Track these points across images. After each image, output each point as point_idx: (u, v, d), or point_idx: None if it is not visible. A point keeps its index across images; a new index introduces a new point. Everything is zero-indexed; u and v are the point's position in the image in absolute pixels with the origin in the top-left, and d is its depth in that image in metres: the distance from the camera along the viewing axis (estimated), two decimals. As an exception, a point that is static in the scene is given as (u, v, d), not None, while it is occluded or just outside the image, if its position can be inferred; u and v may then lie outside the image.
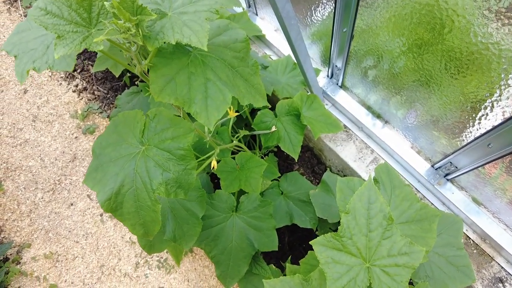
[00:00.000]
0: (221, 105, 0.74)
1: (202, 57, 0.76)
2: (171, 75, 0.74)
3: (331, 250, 0.83)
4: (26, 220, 1.90)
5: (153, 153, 0.83)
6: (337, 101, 1.79)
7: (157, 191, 0.81)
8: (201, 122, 0.73)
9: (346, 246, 0.83)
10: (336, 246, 0.83)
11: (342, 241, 0.83)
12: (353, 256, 0.83)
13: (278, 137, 1.50)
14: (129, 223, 0.87)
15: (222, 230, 1.35)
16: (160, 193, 0.81)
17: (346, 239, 0.83)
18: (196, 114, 0.73)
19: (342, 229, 0.83)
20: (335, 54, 1.64)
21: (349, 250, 0.83)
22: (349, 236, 0.83)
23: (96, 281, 1.75)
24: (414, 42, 1.30)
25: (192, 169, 0.83)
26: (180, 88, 0.73)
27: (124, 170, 0.84)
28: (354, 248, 0.83)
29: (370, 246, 0.83)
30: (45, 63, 0.65)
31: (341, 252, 0.83)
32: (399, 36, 1.33)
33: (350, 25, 1.40)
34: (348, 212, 0.84)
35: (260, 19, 2.10)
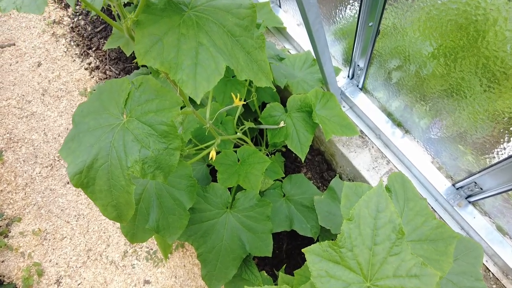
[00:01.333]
0: (212, 75, 0.63)
1: (197, 19, 0.66)
2: (158, 35, 0.63)
3: (326, 261, 0.70)
4: (20, 194, 1.84)
5: (134, 126, 0.73)
6: (356, 104, 1.65)
7: (131, 169, 0.71)
8: (187, 93, 0.62)
9: (344, 259, 0.70)
10: (333, 257, 0.70)
11: (340, 252, 0.70)
12: (352, 271, 0.69)
13: (286, 134, 1.38)
14: (100, 202, 0.78)
15: (213, 226, 1.24)
16: (134, 172, 0.71)
17: (346, 251, 0.70)
18: (182, 82, 0.62)
19: (342, 238, 0.70)
20: (358, 52, 1.51)
21: (347, 264, 0.70)
22: (349, 247, 0.70)
23: (81, 265, 1.67)
24: (445, 47, 1.16)
25: (175, 149, 0.72)
26: (168, 51, 0.63)
27: (100, 142, 0.74)
28: (354, 262, 0.70)
29: (374, 262, 0.69)
30: (12, 3, 0.57)
31: (338, 266, 0.70)
32: (430, 38, 1.20)
33: (377, 19, 1.27)
34: (352, 219, 0.71)
35: (283, 11, 1.99)
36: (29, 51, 2.29)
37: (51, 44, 2.29)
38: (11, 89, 2.16)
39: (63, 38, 2.30)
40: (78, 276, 1.65)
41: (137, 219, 1.11)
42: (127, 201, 0.76)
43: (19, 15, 2.43)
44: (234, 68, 0.67)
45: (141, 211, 1.10)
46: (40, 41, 2.31)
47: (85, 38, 2.25)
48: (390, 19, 1.26)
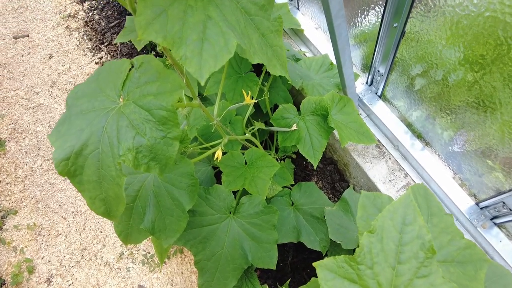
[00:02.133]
0: (220, 52, 0.55)
1: (208, -10, 0.58)
2: (163, 6, 0.55)
3: (341, 279, 0.60)
4: (19, 186, 1.78)
5: (130, 110, 0.65)
6: (374, 112, 1.55)
7: (123, 158, 0.62)
8: (191, 71, 0.54)
9: (363, 278, 0.59)
10: (348, 275, 0.60)
11: (358, 270, 0.60)
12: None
13: (298, 138, 1.28)
14: (88, 195, 0.69)
15: (214, 232, 1.14)
16: (126, 162, 0.62)
17: (365, 268, 0.59)
18: (186, 59, 0.54)
19: (362, 253, 0.60)
20: (379, 57, 1.42)
21: (366, 284, 0.59)
22: (369, 264, 0.60)
23: (74, 264, 1.59)
24: (476, 55, 1.07)
25: (174, 139, 0.64)
26: (172, 23, 0.55)
27: (92, 126, 0.67)
28: (373, 283, 0.59)
29: (397, 284, 0.59)
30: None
31: (354, 285, 0.59)
32: (459, 45, 1.10)
33: (403, 19, 1.18)
34: (373, 231, 0.61)
35: (301, 14, 1.92)
36: (42, 43, 2.26)
37: (64, 37, 2.27)
38: (21, 80, 2.13)
39: (76, 32, 2.27)
40: (70, 276, 1.56)
41: (132, 218, 1.03)
42: (117, 195, 0.67)
43: (36, 8, 2.42)
44: (246, 49, 0.58)
45: (137, 209, 1.01)
46: (54, 34, 2.29)
47: (98, 32, 2.22)
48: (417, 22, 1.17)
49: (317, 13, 1.78)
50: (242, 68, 1.29)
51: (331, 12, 0.92)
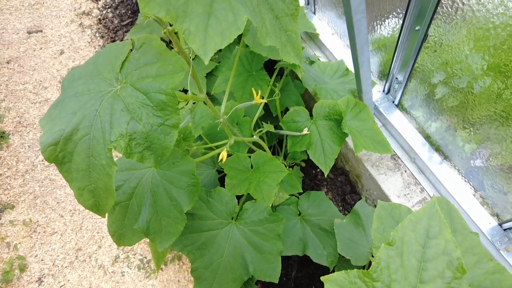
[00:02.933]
0: (228, 29, 0.49)
1: (218, -40, 0.52)
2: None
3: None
4: (19, 180, 1.74)
5: (127, 93, 0.59)
6: (390, 122, 1.47)
7: (114, 144, 0.56)
8: (194, 48, 0.48)
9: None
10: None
11: (374, 287, 0.51)
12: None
13: (309, 143, 1.21)
14: (76, 185, 0.63)
15: (214, 238, 1.06)
16: (117, 148, 0.56)
17: (381, 286, 0.51)
18: (189, 34, 0.48)
19: (378, 268, 0.51)
20: (398, 63, 1.35)
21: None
22: (386, 281, 0.51)
23: (68, 265, 1.52)
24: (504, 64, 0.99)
25: (173, 127, 0.57)
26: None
27: (84, 109, 0.61)
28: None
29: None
30: None
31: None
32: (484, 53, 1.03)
33: (427, 21, 1.11)
34: (393, 243, 0.52)
35: (318, 19, 1.87)
36: (55, 38, 2.26)
37: (77, 34, 2.26)
38: (30, 74, 2.11)
39: (89, 29, 2.26)
40: (62, 277, 1.49)
41: (126, 217, 0.96)
42: (107, 187, 0.60)
43: (52, 4, 2.43)
44: (257, 28, 0.52)
45: (132, 208, 0.94)
46: (67, 30, 2.29)
47: (111, 30, 2.21)
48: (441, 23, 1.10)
49: (334, 18, 1.72)
50: (253, 66, 1.23)
51: (350, 5, 0.85)
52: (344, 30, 1.69)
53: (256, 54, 1.22)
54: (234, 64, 1.08)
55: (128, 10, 2.28)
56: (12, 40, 2.25)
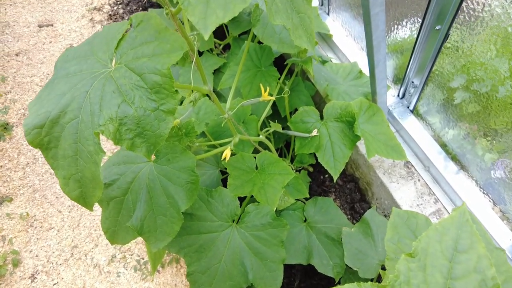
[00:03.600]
0: (232, 1, 0.43)
1: None
2: None
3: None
4: (19, 173, 1.70)
5: (120, 74, 0.54)
6: (404, 128, 1.39)
7: (102, 128, 0.50)
8: (193, 21, 0.42)
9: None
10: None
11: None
12: None
13: (318, 145, 1.14)
14: (62, 173, 0.57)
15: (212, 241, 0.99)
16: (105, 133, 0.50)
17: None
18: (188, 6, 0.42)
19: (396, 283, 0.44)
20: (415, 65, 1.27)
21: (399, 328, 0.43)
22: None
23: (62, 262, 1.47)
24: None
25: (168, 113, 0.51)
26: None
27: (74, 91, 0.55)
28: (410, 327, 0.43)
29: (443, 334, 0.43)
30: None
31: (382, 327, 0.44)
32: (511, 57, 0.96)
33: (448, 20, 1.04)
34: (414, 255, 0.45)
35: (332, 20, 1.81)
36: (65, 33, 2.25)
37: (87, 29, 2.24)
38: (38, 67, 2.10)
39: (99, 24, 2.25)
40: (56, 274, 1.44)
41: (121, 214, 0.90)
42: (93, 176, 0.55)
43: None
44: (266, 2, 0.46)
45: (127, 204, 0.88)
46: (77, 25, 2.27)
47: (121, 26, 2.18)
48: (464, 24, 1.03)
49: (349, 20, 1.66)
50: (263, 61, 1.17)
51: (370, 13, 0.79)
52: (358, 32, 1.62)
53: (266, 49, 1.16)
54: (242, 58, 1.03)
55: (139, 7, 2.26)
56: (23, 33, 2.24)
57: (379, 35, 0.94)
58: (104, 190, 0.91)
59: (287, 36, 0.90)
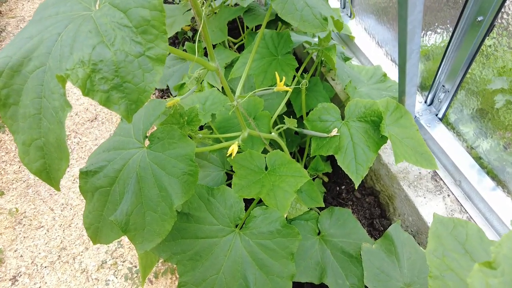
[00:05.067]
0: None
1: None
2: None
3: None
4: (14, 166, 1.61)
5: (102, 12, 0.42)
6: (433, 137, 1.25)
7: (69, 72, 0.38)
8: None
9: None
10: None
11: None
12: None
13: (338, 146, 1.00)
14: (21, 138, 0.46)
15: (211, 249, 0.85)
16: (72, 79, 0.39)
17: None
18: None
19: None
20: (448, 67, 1.15)
21: None
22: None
23: (48, 265, 1.34)
24: None
25: (156, 61, 0.40)
26: None
27: (44, 33, 0.44)
28: None
29: None
30: None
31: None
32: None
33: (494, 9, 0.91)
34: (496, 266, 0.31)
35: (354, 24, 1.71)
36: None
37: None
38: (48, 61, 2.05)
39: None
40: (40, 278, 1.31)
41: (106, 207, 0.77)
42: (59, 142, 0.43)
43: None
44: None
45: (113, 196, 0.76)
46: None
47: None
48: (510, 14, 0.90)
49: (373, 24, 1.55)
50: (279, 49, 1.06)
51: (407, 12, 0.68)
52: (383, 37, 1.51)
53: (284, 36, 1.05)
54: (256, 43, 0.91)
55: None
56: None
57: (415, 18, 0.81)
58: (89, 179, 0.79)
59: (309, 14, 0.79)
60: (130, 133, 0.79)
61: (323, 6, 0.84)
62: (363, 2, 1.56)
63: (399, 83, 1.07)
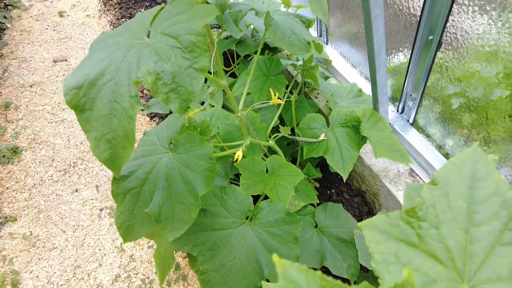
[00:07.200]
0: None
1: None
2: None
3: (396, 242, 0.46)
4: (25, 194, 1.70)
5: (156, 39, 0.60)
6: (407, 140, 1.45)
7: (141, 78, 0.55)
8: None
9: (425, 240, 0.45)
10: (406, 236, 0.46)
11: (420, 228, 0.46)
12: (437, 261, 0.44)
13: (326, 148, 1.18)
14: (94, 135, 0.61)
15: (226, 239, 0.99)
16: (144, 83, 0.55)
17: (428, 226, 0.45)
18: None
19: (424, 206, 0.46)
20: (412, 78, 1.37)
21: (430, 249, 0.44)
22: (434, 221, 0.46)
23: (64, 282, 1.41)
24: None
25: (200, 71, 0.57)
26: None
27: (111, 56, 0.61)
28: (440, 247, 0.44)
29: (473, 252, 0.44)
30: None
31: (415, 250, 0.45)
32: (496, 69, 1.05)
33: (440, 28, 1.15)
34: (436, 183, 0.48)
35: (330, 49, 1.95)
36: (78, 67, 2.37)
37: (99, 63, 2.38)
38: (51, 97, 2.19)
39: (111, 59, 2.39)
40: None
41: (137, 206, 0.90)
42: (126, 134, 0.58)
43: (79, 38, 2.60)
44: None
45: (143, 195, 0.90)
46: (90, 60, 2.41)
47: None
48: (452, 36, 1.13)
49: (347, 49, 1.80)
50: (271, 70, 1.26)
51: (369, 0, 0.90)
52: (357, 59, 1.75)
53: (274, 60, 1.25)
54: (252, 67, 1.11)
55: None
56: (38, 67, 2.37)
57: (379, 38, 1.03)
58: (120, 183, 0.92)
59: (295, 39, 0.99)
60: (156, 142, 0.95)
61: (306, 33, 1.05)
62: (337, 30, 1.81)
63: (373, 94, 1.28)
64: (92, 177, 1.76)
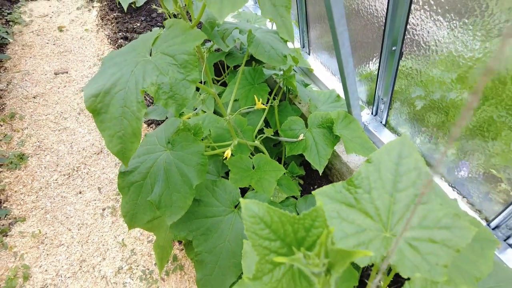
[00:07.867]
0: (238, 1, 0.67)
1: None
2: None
3: (338, 204, 0.62)
4: (32, 196, 1.83)
5: (157, 58, 0.76)
6: (381, 140, 1.62)
7: (146, 88, 0.71)
8: (212, 11, 0.66)
9: (360, 202, 0.61)
10: (346, 200, 0.62)
11: (356, 193, 0.62)
12: (368, 217, 0.60)
13: (305, 147, 1.34)
14: (108, 133, 0.76)
15: (217, 225, 1.14)
16: (148, 91, 0.71)
17: (363, 192, 0.61)
18: (210, 3, 0.66)
19: (359, 177, 0.62)
20: (382, 84, 1.55)
21: (363, 208, 0.60)
22: (367, 188, 0.62)
23: (71, 275, 1.54)
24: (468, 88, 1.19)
25: (192, 82, 0.73)
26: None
27: (121, 71, 0.77)
28: (371, 207, 0.61)
29: (395, 210, 0.60)
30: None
31: (352, 209, 0.61)
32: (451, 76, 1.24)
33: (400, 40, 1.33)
34: (371, 161, 0.64)
35: (312, 59, 2.13)
36: (78, 78, 2.53)
37: (98, 74, 2.53)
38: (53, 107, 2.33)
39: (110, 70, 2.55)
40: (64, 286, 1.50)
41: (140, 196, 1.06)
42: (134, 131, 0.74)
43: (79, 52, 2.76)
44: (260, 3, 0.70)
45: (146, 187, 1.05)
46: (90, 72, 2.57)
47: (129, 71, 2.49)
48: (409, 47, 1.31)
49: (327, 58, 1.97)
50: (256, 79, 1.43)
51: (334, 19, 1.07)
52: (335, 68, 1.93)
53: (258, 70, 1.42)
54: (239, 77, 1.28)
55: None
56: (40, 79, 2.52)
57: (345, 51, 1.21)
58: (125, 178, 1.07)
59: (274, 53, 1.16)
60: (155, 142, 1.10)
61: (284, 48, 1.22)
62: (318, 42, 1.99)
63: (345, 98, 1.45)
64: (94, 180, 1.90)
